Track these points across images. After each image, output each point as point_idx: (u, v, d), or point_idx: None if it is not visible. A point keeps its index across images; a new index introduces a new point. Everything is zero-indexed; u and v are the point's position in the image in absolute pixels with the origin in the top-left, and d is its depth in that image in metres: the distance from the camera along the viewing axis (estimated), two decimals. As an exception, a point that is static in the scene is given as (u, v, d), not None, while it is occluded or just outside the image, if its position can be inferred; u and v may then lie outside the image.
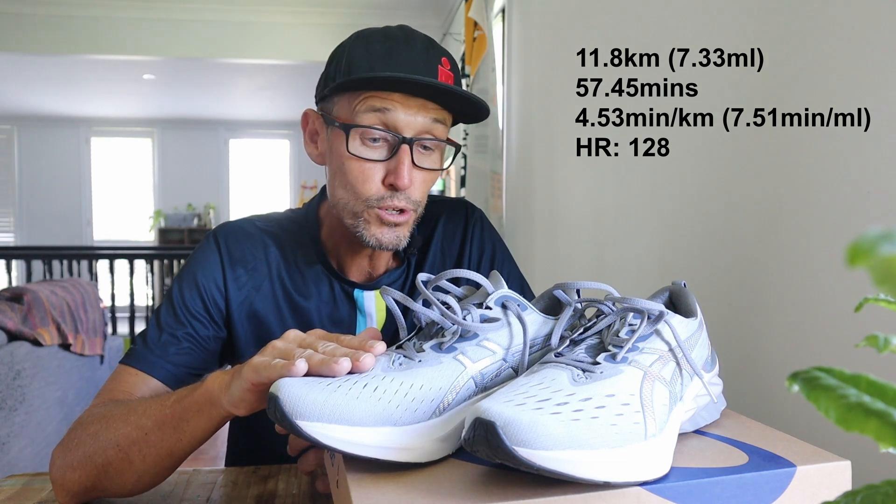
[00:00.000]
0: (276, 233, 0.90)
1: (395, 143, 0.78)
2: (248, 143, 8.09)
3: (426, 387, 0.54)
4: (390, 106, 0.76)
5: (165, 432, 0.65)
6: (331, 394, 0.50)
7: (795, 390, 0.23)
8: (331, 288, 0.89)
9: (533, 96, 2.19)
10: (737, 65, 0.93)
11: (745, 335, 0.90)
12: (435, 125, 0.79)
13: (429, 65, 0.78)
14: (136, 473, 0.68)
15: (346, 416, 0.50)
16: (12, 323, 2.19)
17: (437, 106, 0.79)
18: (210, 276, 0.85)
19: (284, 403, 0.49)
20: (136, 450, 0.66)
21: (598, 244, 1.53)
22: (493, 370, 0.58)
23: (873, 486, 0.22)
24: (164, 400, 0.68)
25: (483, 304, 0.60)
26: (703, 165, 1.02)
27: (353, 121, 0.78)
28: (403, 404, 0.52)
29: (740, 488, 0.50)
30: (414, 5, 4.34)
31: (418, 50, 0.78)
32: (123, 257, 4.63)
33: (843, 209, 0.73)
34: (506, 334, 0.60)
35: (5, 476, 0.83)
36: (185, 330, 0.83)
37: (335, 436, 0.49)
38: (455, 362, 0.56)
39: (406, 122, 0.77)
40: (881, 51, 0.68)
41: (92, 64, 5.27)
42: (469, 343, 0.58)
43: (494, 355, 0.58)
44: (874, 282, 0.16)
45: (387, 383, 0.53)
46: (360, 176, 0.79)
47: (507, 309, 0.61)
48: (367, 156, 0.78)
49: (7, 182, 7.62)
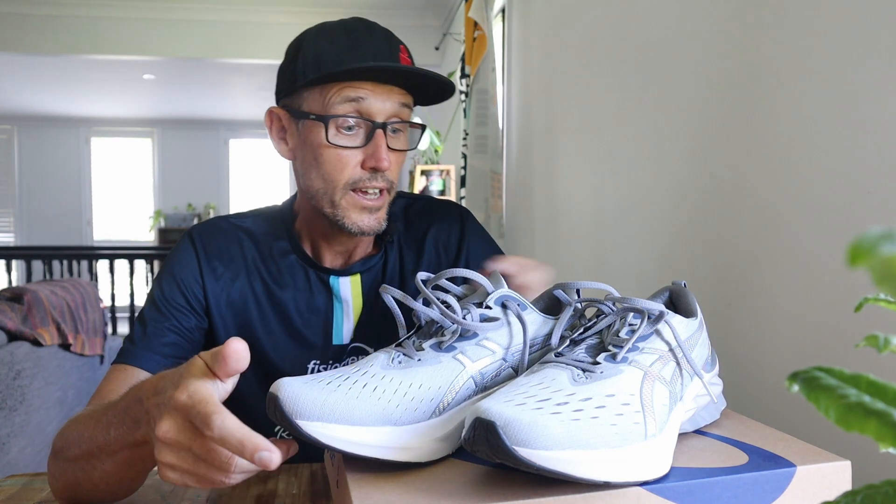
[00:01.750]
0: (249, 227, 0.93)
1: (369, 129, 0.82)
2: (248, 143, 8.09)
3: (425, 386, 0.54)
4: (363, 94, 0.81)
5: (115, 452, 0.62)
6: (330, 393, 0.50)
7: (795, 390, 0.23)
8: (306, 277, 0.91)
9: (533, 96, 2.19)
10: (737, 64, 0.93)
11: (745, 335, 0.90)
12: (402, 109, 0.84)
13: (391, 52, 0.83)
14: (104, 491, 0.67)
15: (346, 415, 0.50)
16: (12, 323, 2.19)
17: (403, 91, 0.84)
18: (188, 271, 0.88)
19: (284, 403, 0.49)
20: (97, 476, 0.65)
21: (598, 244, 1.53)
22: (492, 370, 0.58)
23: (873, 486, 0.22)
24: (109, 414, 0.64)
25: (483, 303, 0.60)
26: (703, 165, 1.02)
27: (328, 112, 0.81)
28: (403, 404, 0.52)
29: (740, 488, 0.50)
30: (414, 5, 4.34)
31: (380, 39, 0.83)
32: (123, 257, 4.63)
33: (843, 209, 0.73)
34: (505, 334, 0.60)
35: (5, 476, 0.83)
36: (170, 322, 0.85)
37: (335, 435, 0.49)
38: (455, 362, 0.56)
39: (378, 109, 0.82)
40: (881, 50, 0.68)
41: (92, 64, 5.27)
42: (469, 342, 0.58)
43: (494, 355, 0.58)
44: (874, 282, 0.16)
45: (386, 382, 0.53)
46: (339, 163, 0.83)
47: (507, 308, 0.61)
48: (345, 143, 0.82)
49: (7, 182, 7.62)
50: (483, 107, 2.70)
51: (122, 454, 0.61)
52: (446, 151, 3.95)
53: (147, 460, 0.61)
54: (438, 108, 4.42)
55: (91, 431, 0.64)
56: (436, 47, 4.35)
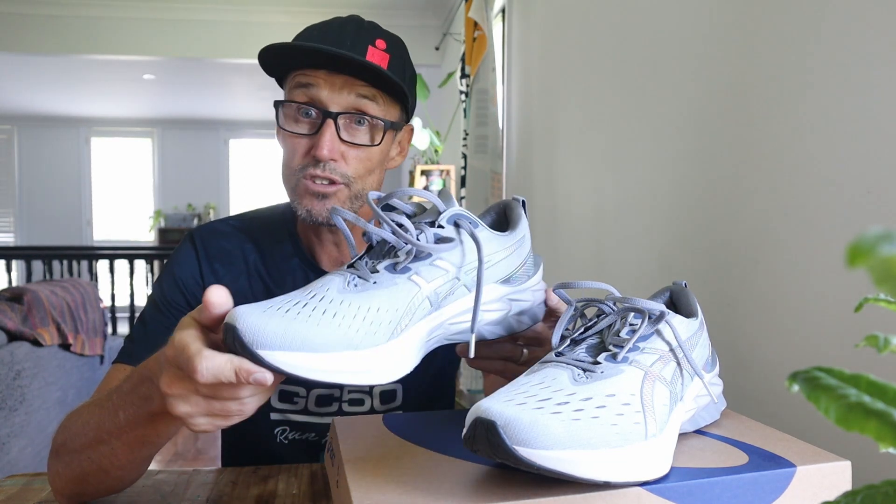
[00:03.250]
0: (250, 229, 0.93)
1: (320, 119, 0.82)
2: (248, 143, 8.08)
3: (383, 309, 0.53)
4: (314, 82, 0.81)
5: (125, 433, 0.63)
6: (290, 322, 0.49)
7: (795, 390, 0.23)
8: (306, 279, 0.91)
9: (533, 96, 2.19)
10: (736, 64, 0.93)
11: (745, 335, 0.90)
12: (363, 101, 0.82)
13: (357, 43, 0.81)
14: (114, 477, 0.68)
15: (308, 343, 0.48)
16: (12, 323, 2.19)
17: (365, 83, 0.81)
18: (188, 272, 0.89)
19: (244, 333, 0.48)
20: (106, 461, 0.65)
21: (598, 244, 1.53)
22: (446, 289, 0.57)
23: (873, 486, 0.22)
24: (115, 398, 0.65)
25: (435, 222, 0.59)
26: (704, 165, 1.02)
27: (286, 98, 0.83)
28: (363, 328, 0.51)
29: (740, 488, 0.50)
30: (414, 5, 4.34)
31: (350, 31, 0.82)
32: (123, 257, 4.63)
33: (842, 209, 0.73)
34: (458, 253, 0.58)
35: (5, 476, 0.83)
36: (170, 322, 0.85)
37: (296, 363, 0.48)
38: (410, 283, 0.55)
39: (330, 98, 0.81)
40: (881, 50, 0.68)
41: (92, 64, 5.27)
42: (423, 263, 0.57)
43: (447, 274, 0.57)
44: (874, 282, 0.16)
45: (345, 308, 0.51)
46: (290, 150, 0.84)
47: (460, 227, 0.60)
48: (294, 130, 0.83)
49: (7, 182, 7.62)
50: (483, 107, 2.70)
51: (134, 433, 0.62)
52: (446, 151, 3.95)
53: (162, 434, 0.62)
54: (438, 108, 4.42)
55: (97, 419, 0.65)
56: (436, 47, 4.35)
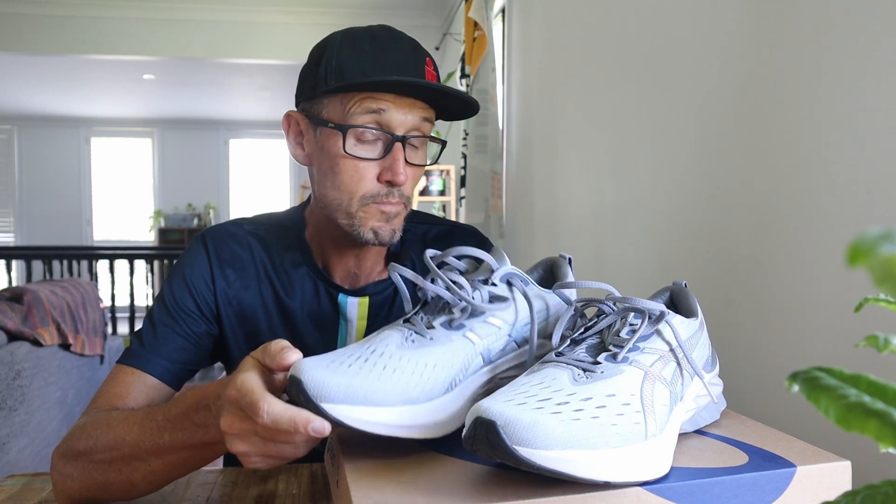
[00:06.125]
0: (262, 235, 0.92)
1: (388, 142, 0.81)
2: (248, 143, 8.09)
3: (440, 365, 0.56)
4: (385, 106, 0.79)
5: (168, 454, 0.66)
6: (353, 377, 0.52)
7: (795, 390, 0.23)
8: (315, 290, 0.90)
9: (533, 96, 2.19)
10: (736, 65, 0.93)
11: (745, 335, 0.90)
12: (423, 123, 0.83)
13: (416, 65, 0.81)
14: (140, 490, 0.70)
15: (369, 397, 0.52)
16: (12, 323, 2.18)
17: (425, 105, 0.82)
18: (199, 275, 0.88)
19: (309, 387, 0.51)
20: (138, 476, 0.68)
21: (598, 244, 1.53)
22: (499, 346, 0.60)
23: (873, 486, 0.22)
24: (159, 419, 0.67)
25: (489, 280, 0.62)
26: (704, 165, 1.02)
27: (347, 121, 0.79)
28: (420, 384, 0.54)
29: (740, 488, 0.50)
30: (414, 5, 4.34)
31: (406, 51, 0.81)
32: (123, 257, 4.63)
33: (842, 209, 0.73)
34: (512, 311, 0.62)
35: (5, 476, 0.83)
36: (179, 327, 0.85)
37: (359, 417, 0.51)
38: (465, 340, 0.59)
39: (399, 122, 0.80)
40: (881, 50, 0.68)
41: (92, 64, 5.27)
42: (477, 320, 0.60)
43: (500, 331, 0.61)
44: (874, 282, 0.16)
45: (403, 364, 0.55)
46: (356, 174, 0.81)
47: (512, 285, 0.63)
48: (362, 155, 0.80)
49: (7, 182, 7.62)
50: (483, 107, 2.70)
51: (178, 454, 0.65)
52: (446, 151, 3.95)
53: (207, 459, 0.66)
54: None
55: (135, 437, 0.67)
56: (436, 47, 4.35)
